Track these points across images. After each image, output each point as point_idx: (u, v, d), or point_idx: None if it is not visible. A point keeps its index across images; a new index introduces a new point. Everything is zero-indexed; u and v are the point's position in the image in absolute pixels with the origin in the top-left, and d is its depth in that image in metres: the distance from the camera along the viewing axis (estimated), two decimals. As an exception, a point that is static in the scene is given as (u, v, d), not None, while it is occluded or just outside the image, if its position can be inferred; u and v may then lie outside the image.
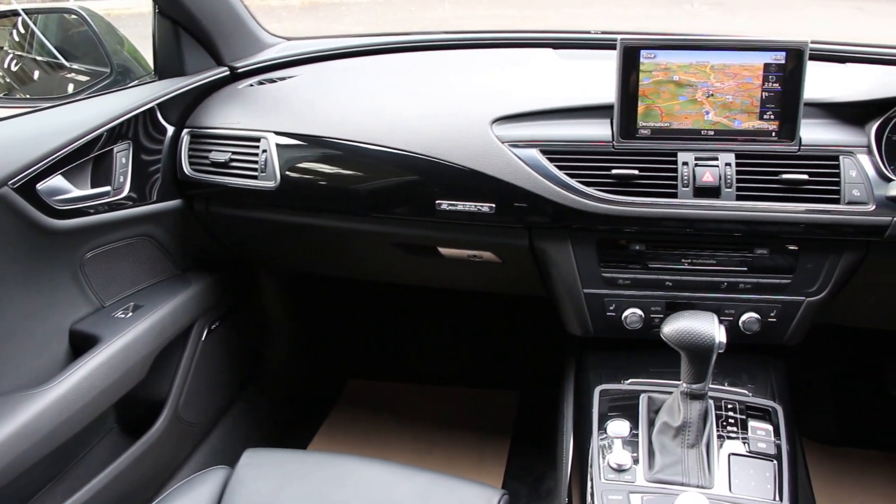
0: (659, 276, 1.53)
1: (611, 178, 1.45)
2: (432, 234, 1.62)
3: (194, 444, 1.98)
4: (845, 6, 8.83)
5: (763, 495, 1.29)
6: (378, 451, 2.30)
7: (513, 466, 2.21)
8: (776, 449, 1.37)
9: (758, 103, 1.44)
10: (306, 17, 9.70)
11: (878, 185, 1.42)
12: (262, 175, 1.66)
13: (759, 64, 1.43)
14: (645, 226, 1.47)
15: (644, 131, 1.46)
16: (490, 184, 1.49)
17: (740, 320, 1.54)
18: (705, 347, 1.28)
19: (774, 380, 1.56)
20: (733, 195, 1.44)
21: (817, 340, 2.27)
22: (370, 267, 1.95)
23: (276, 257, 2.04)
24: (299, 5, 10.39)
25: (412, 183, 1.56)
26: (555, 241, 1.54)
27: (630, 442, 1.38)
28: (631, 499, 1.28)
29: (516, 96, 1.60)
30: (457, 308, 2.59)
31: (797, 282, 1.52)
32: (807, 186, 1.43)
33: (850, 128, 1.49)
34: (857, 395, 2.38)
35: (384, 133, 1.58)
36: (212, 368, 1.99)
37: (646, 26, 6.26)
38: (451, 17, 9.28)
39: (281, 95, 1.81)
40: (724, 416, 1.43)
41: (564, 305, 1.61)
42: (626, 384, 1.53)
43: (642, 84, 1.44)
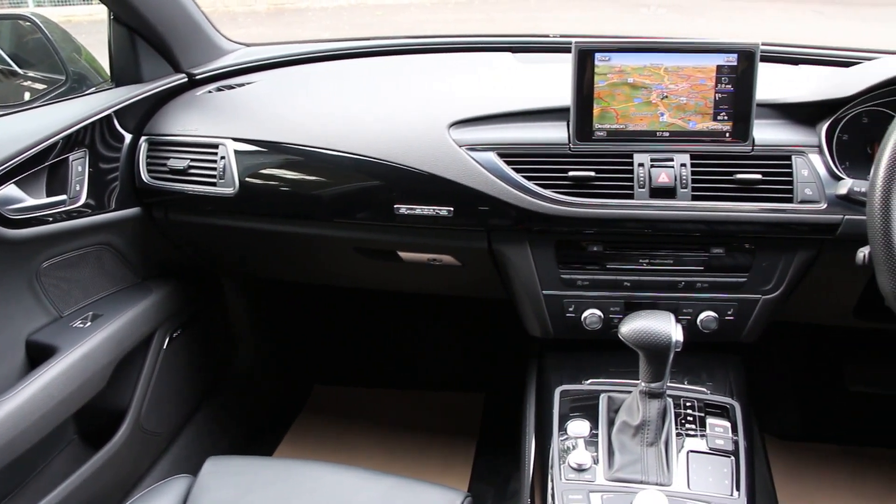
0: (617, 277, 1.54)
1: (567, 180, 1.46)
2: (392, 239, 1.62)
3: (157, 454, 1.96)
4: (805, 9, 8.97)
5: (721, 491, 1.30)
6: (344, 457, 2.29)
7: (479, 469, 2.22)
8: (734, 445, 1.39)
9: (711, 104, 1.46)
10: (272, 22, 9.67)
11: (830, 184, 1.45)
12: (220, 182, 1.66)
13: (711, 66, 1.44)
14: (602, 227, 1.49)
15: (600, 133, 1.48)
16: (448, 187, 1.49)
17: (698, 319, 1.56)
18: (662, 346, 1.29)
19: (732, 377, 1.58)
20: (689, 195, 1.45)
21: (778, 338, 2.31)
22: (331, 272, 1.95)
23: (238, 264, 2.03)
24: (265, 11, 10.35)
25: (371, 188, 1.56)
26: (513, 244, 1.55)
27: (590, 442, 1.39)
28: (591, 498, 1.29)
29: (474, 100, 1.60)
30: (422, 312, 2.60)
31: (753, 280, 1.54)
32: (760, 186, 1.45)
33: (801, 128, 1.51)
34: (818, 391, 2.42)
35: (342, 138, 1.58)
36: (174, 377, 1.98)
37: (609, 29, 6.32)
38: (418, 22, 9.31)
39: (239, 102, 1.80)
40: (682, 413, 1.44)
41: (524, 307, 1.62)
42: (586, 384, 1.54)
43: (597, 86, 1.45)
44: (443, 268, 1.69)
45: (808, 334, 2.38)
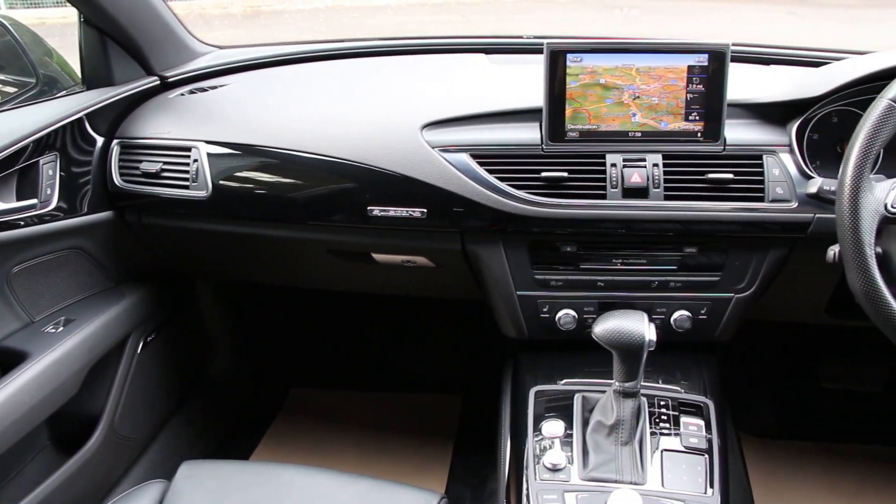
0: (591, 277, 1.55)
1: (540, 181, 1.47)
2: (365, 241, 1.62)
3: (132, 459, 1.94)
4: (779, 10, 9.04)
5: (694, 489, 1.31)
6: (321, 460, 2.28)
7: (456, 470, 2.22)
8: (708, 443, 1.40)
9: (683, 104, 1.47)
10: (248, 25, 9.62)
11: (800, 182, 1.46)
12: (193, 185, 1.65)
13: (682, 66, 1.45)
14: (575, 227, 1.49)
15: (572, 134, 1.48)
16: (421, 189, 1.49)
17: (672, 318, 1.56)
18: (636, 346, 1.29)
19: (706, 376, 1.59)
20: (661, 195, 1.46)
21: (753, 337, 2.33)
22: (305, 274, 1.94)
23: (212, 267, 2.02)
24: (240, 13, 10.30)
25: (344, 190, 1.56)
26: (487, 245, 1.55)
27: (565, 442, 1.40)
28: (566, 498, 1.29)
29: (447, 101, 1.61)
30: (399, 314, 2.59)
31: (726, 279, 1.55)
32: (732, 185, 1.46)
33: (772, 127, 1.52)
34: (793, 389, 2.44)
35: (315, 140, 1.57)
36: (149, 381, 1.96)
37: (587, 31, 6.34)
38: (394, 24, 9.29)
39: (212, 104, 1.79)
40: (656, 412, 1.45)
41: (498, 308, 1.62)
42: (561, 384, 1.54)
43: (569, 87, 1.46)
44: (417, 269, 1.69)
45: (782, 332, 2.40)
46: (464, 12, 9.83)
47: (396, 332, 2.66)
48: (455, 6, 10.25)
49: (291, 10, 10.87)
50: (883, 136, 1.22)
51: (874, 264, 1.20)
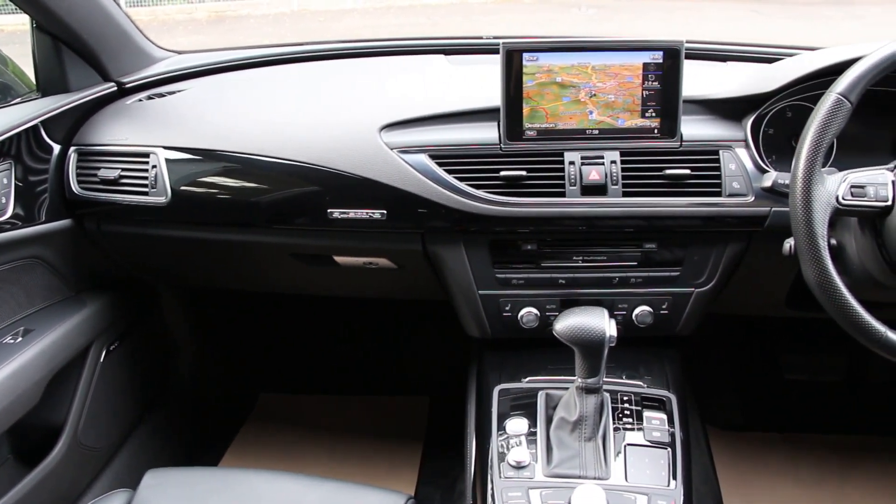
0: (552, 275, 1.56)
1: (499, 180, 1.47)
2: (326, 243, 1.62)
3: (97, 469, 1.92)
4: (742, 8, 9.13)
5: (657, 482, 1.32)
6: (291, 465, 2.27)
7: (426, 471, 2.22)
8: (670, 437, 1.41)
9: (639, 102, 1.48)
10: (212, 30, 9.54)
11: (756, 177, 1.48)
12: (152, 191, 1.63)
13: (638, 63, 1.46)
14: (535, 225, 1.50)
15: (530, 133, 1.49)
16: (380, 190, 1.49)
17: (633, 314, 1.58)
18: (596, 342, 1.30)
19: (669, 370, 1.60)
20: (619, 192, 1.47)
21: (718, 331, 2.35)
22: (268, 278, 1.93)
23: (174, 273, 2.01)
24: (205, 19, 10.22)
25: (303, 193, 1.56)
26: (447, 245, 1.56)
27: (529, 439, 1.40)
28: (530, 495, 1.30)
29: (405, 102, 1.61)
30: (366, 316, 2.59)
31: (685, 274, 1.56)
32: (689, 181, 1.48)
33: (728, 123, 1.54)
34: (757, 381, 2.47)
35: (274, 144, 1.57)
36: (113, 390, 1.94)
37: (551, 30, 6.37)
38: (361, 27, 9.26)
39: (170, 109, 1.78)
40: (619, 408, 1.46)
41: (461, 308, 1.63)
42: (524, 382, 1.55)
43: (526, 86, 1.47)
44: (379, 271, 1.69)
45: (746, 326, 2.43)
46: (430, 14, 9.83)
47: (364, 334, 2.65)
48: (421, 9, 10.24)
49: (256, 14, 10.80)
50: (833, 130, 1.24)
51: (827, 256, 1.22)
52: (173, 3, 10.57)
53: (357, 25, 9.52)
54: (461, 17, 9.75)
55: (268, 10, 10.89)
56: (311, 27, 9.84)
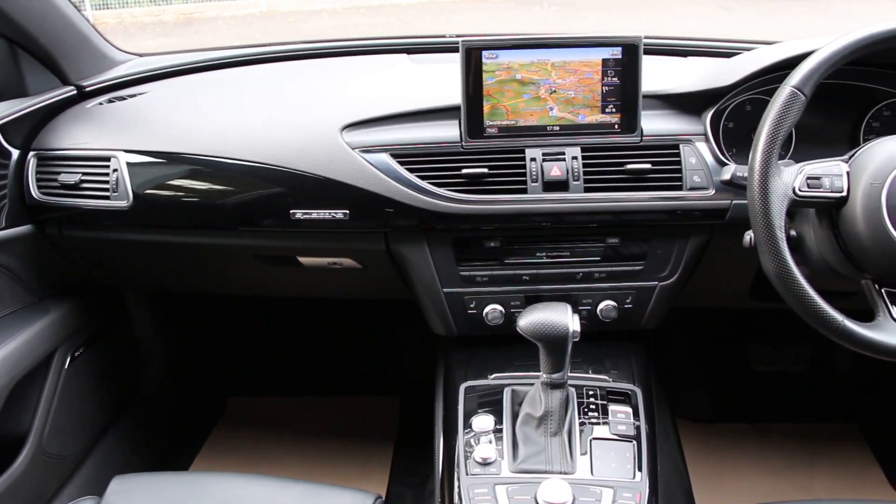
0: (516, 272, 1.56)
1: (461, 178, 1.48)
2: (290, 244, 1.61)
3: (64, 478, 1.90)
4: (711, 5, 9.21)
5: (623, 475, 1.33)
6: (262, 467, 2.27)
7: (397, 470, 2.22)
8: (636, 430, 1.42)
9: (599, 97, 1.49)
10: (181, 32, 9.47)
11: (717, 170, 1.49)
12: (114, 195, 1.62)
13: (597, 59, 1.47)
14: (498, 222, 1.50)
15: (491, 130, 1.49)
16: (342, 190, 1.49)
17: (598, 308, 1.59)
18: (560, 337, 1.31)
19: (635, 364, 1.61)
20: (581, 187, 1.48)
21: (686, 324, 2.37)
22: (233, 280, 1.92)
23: (138, 277, 1.99)
24: (173, 21, 10.14)
25: (266, 194, 1.55)
26: (411, 243, 1.56)
27: (495, 436, 1.41)
28: (496, 491, 1.30)
29: (367, 102, 1.60)
30: (335, 317, 2.58)
31: (649, 268, 1.58)
32: (651, 175, 1.49)
33: (688, 117, 1.55)
34: (726, 373, 2.49)
35: (235, 145, 1.56)
36: (79, 396, 1.92)
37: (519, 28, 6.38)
38: (330, 27, 9.24)
39: (131, 113, 1.76)
40: (585, 402, 1.47)
41: (426, 306, 1.63)
42: (491, 379, 1.56)
43: (486, 84, 1.47)
44: (344, 271, 1.69)
45: (713, 319, 2.45)
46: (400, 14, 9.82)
47: (333, 335, 2.65)
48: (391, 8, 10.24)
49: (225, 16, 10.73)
50: (788, 122, 1.25)
51: (785, 246, 1.23)
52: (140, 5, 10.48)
53: (326, 26, 9.50)
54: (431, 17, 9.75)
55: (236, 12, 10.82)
56: (281, 28, 9.80)
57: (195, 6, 10.84)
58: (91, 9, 9.55)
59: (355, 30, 8.68)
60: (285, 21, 10.20)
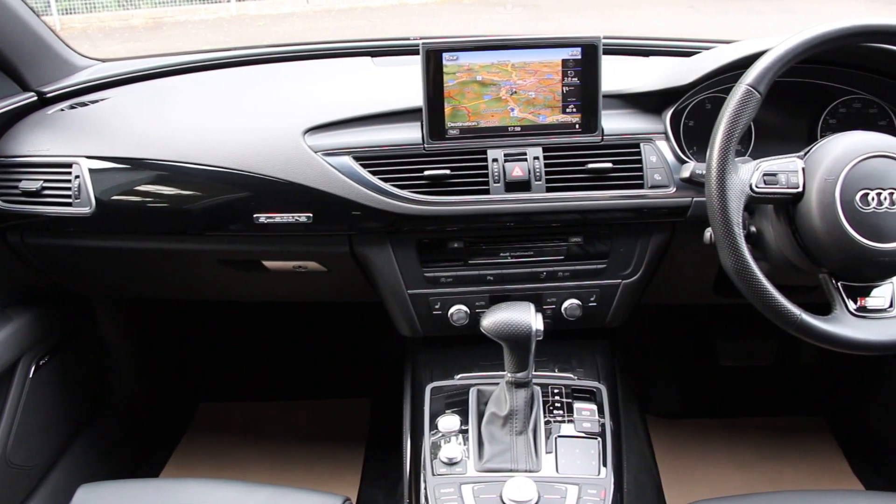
0: (480, 272, 1.57)
1: (423, 180, 1.48)
2: (254, 248, 1.61)
3: (30, 488, 1.88)
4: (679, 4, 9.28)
5: (588, 472, 1.34)
6: (233, 473, 2.26)
7: (368, 473, 2.22)
8: (601, 427, 1.43)
9: (559, 98, 1.50)
10: (150, 37, 9.39)
11: (677, 168, 1.51)
12: (76, 202, 1.61)
13: (557, 60, 1.48)
14: (461, 223, 1.51)
15: (453, 131, 1.50)
16: (305, 194, 1.49)
17: (562, 307, 1.60)
18: (523, 336, 1.32)
19: (600, 361, 1.62)
20: (543, 187, 1.49)
21: (653, 321, 2.39)
22: (197, 286, 1.92)
23: (103, 284, 1.98)
24: (142, 25, 10.05)
25: (229, 198, 1.55)
26: (374, 246, 1.56)
27: (462, 436, 1.41)
28: (462, 490, 1.31)
29: (329, 105, 1.61)
30: (304, 321, 2.58)
31: (612, 266, 1.59)
32: (612, 174, 1.50)
33: (648, 116, 1.57)
34: (694, 369, 2.52)
35: (198, 150, 1.55)
36: (45, 406, 1.90)
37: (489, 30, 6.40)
38: (301, 31, 9.21)
39: (93, 118, 1.75)
40: (550, 401, 1.48)
41: (391, 308, 1.63)
42: (457, 379, 1.56)
43: (447, 86, 1.48)
44: (309, 274, 1.69)
45: (681, 316, 2.48)
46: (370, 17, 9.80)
47: (303, 339, 2.64)
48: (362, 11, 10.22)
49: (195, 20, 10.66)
50: (744, 120, 1.27)
51: (743, 242, 1.25)
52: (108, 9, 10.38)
53: (297, 29, 9.47)
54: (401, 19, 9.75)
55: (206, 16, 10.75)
56: (251, 31, 9.75)
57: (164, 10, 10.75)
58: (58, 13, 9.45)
59: (325, 32, 8.67)
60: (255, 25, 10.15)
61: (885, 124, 1.60)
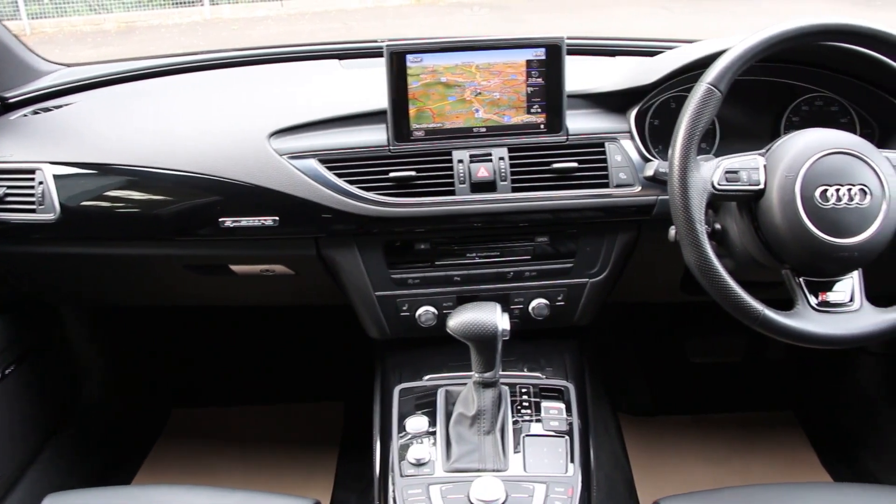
0: (447, 273, 1.57)
1: (389, 182, 1.48)
2: (220, 253, 1.61)
3: None
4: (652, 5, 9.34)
5: (556, 470, 1.35)
6: (206, 479, 2.24)
7: (342, 476, 2.21)
8: (568, 425, 1.44)
9: (524, 98, 1.51)
10: (122, 41, 9.32)
11: (642, 167, 1.52)
12: (40, 208, 1.59)
13: (521, 61, 1.49)
14: (428, 225, 1.51)
15: (418, 133, 1.50)
16: (271, 197, 1.49)
17: (530, 307, 1.60)
18: (489, 336, 1.32)
19: (568, 360, 1.63)
20: (509, 188, 1.50)
21: (625, 320, 2.40)
22: (165, 292, 1.90)
23: (69, 292, 1.96)
24: (114, 30, 9.97)
25: (194, 203, 1.54)
26: (341, 248, 1.56)
27: (430, 436, 1.42)
28: (430, 491, 1.31)
29: (295, 108, 1.60)
30: (276, 325, 2.57)
31: (579, 265, 1.60)
32: (577, 174, 1.51)
33: (613, 116, 1.58)
34: (665, 367, 2.54)
35: (164, 155, 1.55)
36: (11, 416, 1.88)
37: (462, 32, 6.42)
38: (275, 34, 9.18)
39: (57, 124, 1.74)
40: (518, 400, 1.48)
41: (359, 310, 1.63)
42: (425, 380, 1.56)
43: (412, 87, 1.48)
44: (277, 278, 1.68)
45: (651, 314, 2.49)
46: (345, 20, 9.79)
47: (274, 343, 2.63)
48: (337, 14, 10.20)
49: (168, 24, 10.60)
50: (705, 118, 1.29)
51: (705, 239, 1.26)
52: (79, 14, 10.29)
53: (272, 33, 9.43)
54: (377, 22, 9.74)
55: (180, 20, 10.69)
56: (224, 35, 9.71)
57: (137, 14, 10.68)
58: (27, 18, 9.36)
59: (301, 36, 8.63)
60: (230, 28, 10.11)
61: (847, 122, 1.62)
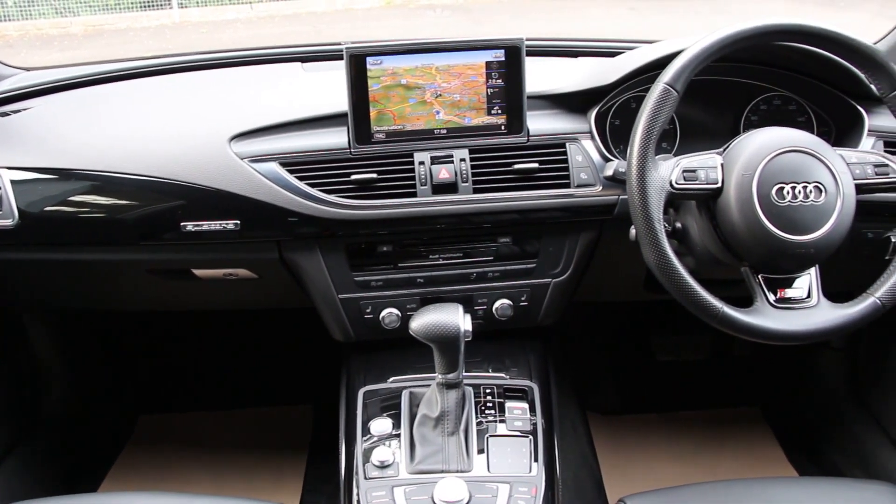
0: (410, 275, 1.58)
1: (351, 184, 1.48)
2: (182, 257, 1.59)
3: None
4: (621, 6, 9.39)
5: (520, 470, 1.35)
6: (174, 485, 2.23)
7: (311, 480, 2.20)
8: (532, 425, 1.44)
9: (484, 100, 1.51)
10: (90, 45, 9.20)
11: (603, 167, 1.53)
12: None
13: (481, 62, 1.50)
14: (391, 227, 1.51)
15: (379, 135, 1.50)
16: (232, 201, 1.48)
17: (494, 307, 1.61)
18: (451, 337, 1.32)
19: (532, 360, 1.64)
20: (470, 189, 1.50)
21: (592, 319, 2.42)
22: (127, 297, 1.89)
23: (30, 298, 1.93)
24: (81, 33, 9.85)
25: (155, 207, 1.53)
26: (303, 251, 1.55)
27: (394, 438, 1.41)
28: (394, 493, 1.31)
29: (256, 112, 1.60)
30: (242, 329, 2.56)
31: (542, 265, 1.61)
32: (538, 174, 1.52)
33: (574, 116, 1.59)
34: (632, 365, 2.55)
35: (124, 160, 1.53)
36: None
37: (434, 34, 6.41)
38: (244, 38, 9.11)
39: (15, 128, 1.71)
40: (482, 401, 1.48)
41: (323, 313, 1.63)
42: (389, 382, 1.56)
43: (372, 90, 1.48)
44: (240, 282, 1.68)
45: (618, 313, 2.51)
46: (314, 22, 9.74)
47: (243, 347, 2.62)
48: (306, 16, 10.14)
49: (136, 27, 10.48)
50: (662, 117, 1.30)
51: (664, 238, 1.28)
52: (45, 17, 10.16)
53: (241, 36, 9.36)
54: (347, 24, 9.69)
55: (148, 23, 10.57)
56: (194, 38, 9.62)
57: (104, 18, 10.55)
58: (-9, 20, 9.21)
59: (270, 39, 8.57)
60: (198, 32, 10.01)
61: (804, 120, 1.65)
